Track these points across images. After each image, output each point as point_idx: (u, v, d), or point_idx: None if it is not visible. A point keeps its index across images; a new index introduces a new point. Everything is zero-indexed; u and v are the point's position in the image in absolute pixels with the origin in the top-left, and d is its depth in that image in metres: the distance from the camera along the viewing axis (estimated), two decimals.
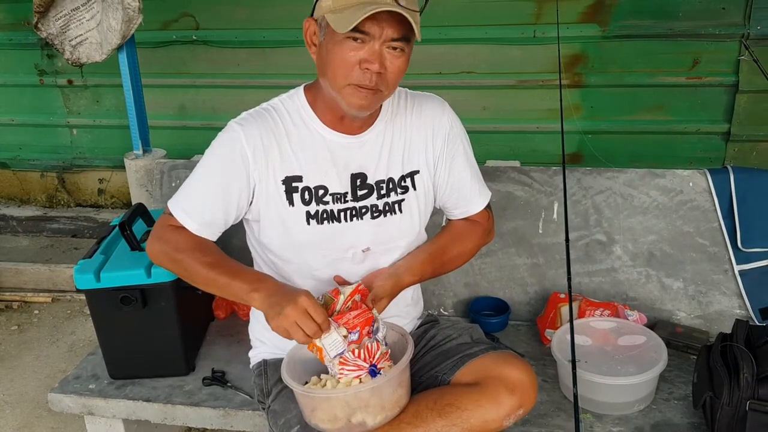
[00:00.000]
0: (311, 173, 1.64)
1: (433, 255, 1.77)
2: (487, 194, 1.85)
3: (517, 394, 1.57)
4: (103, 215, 4.25)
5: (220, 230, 1.66)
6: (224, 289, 1.59)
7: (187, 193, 1.65)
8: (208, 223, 1.63)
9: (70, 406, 2.09)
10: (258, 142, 1.60)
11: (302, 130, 1.64)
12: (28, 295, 3.52)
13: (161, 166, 2.63)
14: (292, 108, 1.65)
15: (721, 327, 2.20)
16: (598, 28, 3.48)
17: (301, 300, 1.47)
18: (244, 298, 1.55)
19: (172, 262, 1.63)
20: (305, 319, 1.46)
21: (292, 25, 3.58)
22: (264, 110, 1.65)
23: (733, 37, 3.38)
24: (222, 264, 1.59)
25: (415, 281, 1.76)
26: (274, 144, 1.61)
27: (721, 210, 2.28)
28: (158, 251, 1.65)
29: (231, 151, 1.60)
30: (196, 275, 1.61)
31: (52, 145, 4.34)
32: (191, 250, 1.60)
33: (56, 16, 2.95)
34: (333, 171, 1.64)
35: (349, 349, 1.52)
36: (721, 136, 3.60)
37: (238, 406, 1.99)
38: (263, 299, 1.52)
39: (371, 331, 1.56)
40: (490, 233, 1.90)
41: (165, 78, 3.94)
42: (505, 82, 3.66)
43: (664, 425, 1.85)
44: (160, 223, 1.66)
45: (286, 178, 1.62)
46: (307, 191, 1.64)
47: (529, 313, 2.40)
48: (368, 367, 1.53)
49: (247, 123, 1.62)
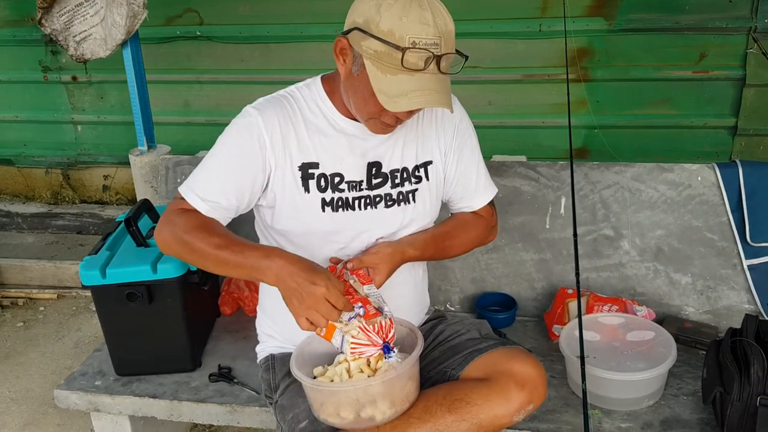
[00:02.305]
0: (328, 161, 1.64)
1: (437, 237, 1.78)
2: (492, 190, 1.85)
3: (527, 390, 1.57)
4: (108, 212, 4.25)
5: (231, 215, 1.63)
6: (234, 268, 1.54)
7: (201, 176, 1.61)
8: (221, 207, 1.59)
9: (77, 403, 2.09)
10: (276, 127, 1.59)
11: (319, 119, 1.64)
12: (33, 291, 3.52)
13: (166, 162, 2.63)
14: (308, 96, 1.65)
15: (730, 322, 2.19)
16: (605, 22, 3.47)
17: (320, 289, 1.43)
18: (256, 276, 1.51)
19: (180, 243, 1.56)
20: (323, 305, 1.44)
21: (296, 21, 3.58)
22: (281, 97, 1.65)
23: (740, 30, 3.37)
24: (231, 241, 1.53)
25: (416, 256, 1.73)
26: (291, 130, 1.61)
27: (729, 204, 2.26)
28: (166, 234, 1.59)
29: (249, 135, 1.59)
30: (205, 255, 1.54)
31: (57, 142, 4.34)
32: (198, 230, 1.54)
33: (60, 12, 2.95)
34: (349, 159, 1.65)
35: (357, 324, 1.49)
36: (728, 130, 3.58)
37: (244, 403, 1.99)
38: (277, 278, 1.47)
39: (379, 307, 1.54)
40: (493, 230, 1.90)
41: (169, 74, 3.94)
42: (511, 76, 3.65)
43: (674, 421, 1.84)
44: (170, 208, 1.62)
45: (302, 164, 1.62)
46: (323, 178, 1.64)
47: (536, 308, 2.39)
48: (382, 343, 1.51)
49: (265, 108, 1.61)
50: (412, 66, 1.41)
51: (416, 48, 1.39)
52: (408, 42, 1.39)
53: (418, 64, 1.41)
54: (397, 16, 1.39)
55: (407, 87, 1.42)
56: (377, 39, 1.41)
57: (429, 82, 1.43)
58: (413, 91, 1.43)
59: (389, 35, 1.40)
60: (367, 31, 1.43)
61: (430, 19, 1.39)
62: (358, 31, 1.44)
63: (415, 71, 1.41)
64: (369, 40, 1.43)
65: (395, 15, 1.39)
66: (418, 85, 1.43)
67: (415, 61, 1.40)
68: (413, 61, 1.40)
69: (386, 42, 1.40)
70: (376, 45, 1.41)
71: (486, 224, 1.86)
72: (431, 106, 1.46)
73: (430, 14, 1.40)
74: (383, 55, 1.42)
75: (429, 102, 1.44)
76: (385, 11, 1.40)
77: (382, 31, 1.40)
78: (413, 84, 1.42)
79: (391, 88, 1.43)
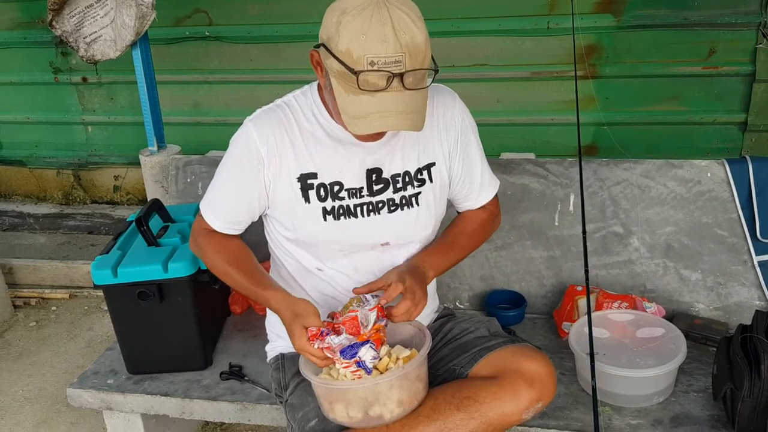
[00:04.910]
0: (326, 170, 1.63)
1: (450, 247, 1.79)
2: (496, 183, 1.85)
3: (536, 387, 1.57)
4: (119, 212, 4.28)
5: (246, 225, 1.74)
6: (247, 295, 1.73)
7: (213, 194, 1.72)
8: (234, 222, 1.71)
9: (89, 401, 2.10)
10: (272, 139, 1.60)
11: (316, 127, 1.63)
12: (45, 291, 3.55)
13: (176, 162, 2.64)
14: (304, 105, 1.64)
15: (740, 318, 2.18)
16: (613, 18, 3.46)
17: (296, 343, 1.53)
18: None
19: (206, 264, 1.76)
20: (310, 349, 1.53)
21: (305, 20, 3.59)
22: (277, 107, 1.65)
23: (749, 25, 3.34)
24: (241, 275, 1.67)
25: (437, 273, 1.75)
26: (287, 141, 1.61)
27: (739, 200, 2.25)
28: (196, 253, 1.80)
29: (247, 150, 1.62)
30: (224, 280, 1.73)
31: (68, 143, 4.37)
32: (216, 256, 1.71)
33: (70, 13, 2.97)
34: (348, 167, 1.64)
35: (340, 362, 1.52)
36: (738, 126, 3.56)
37: (255, 400, 2.00)
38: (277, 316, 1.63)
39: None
40: (497, 218, 1.91)
41: (179, 74, 3.96)
42: (519, 74, 3.64)
43: (684, 418, 1.84)
44: (195, 226, 1.77)
45: (301, 175, 1.63)
46: (322, 188, 1.64)
47: (545, 306, 2.38)
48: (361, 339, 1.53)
49: (260, 121, 1.62)
50: (372, 87, 1.36)
51: (373, 70, 1.34)
52: (366, 62, 1.34)
53: (378, 84, 1.36)
54: (356, 35, 1.34)
55: (367, 108, 1.39)
56: (336, 59, 1.38)
57: (391, 103, 1.38)
58: (372, 113, 1.39)
59: (346, 56, 1.36)
60: (329, 48, 1.39)
61: (390, 36, 1.33)
62: (323, 47, 1.42)
63: (376, 91, 1.36)
64: (330, 59, 1.40)
65: (353, 33, 1.34)
66: (378, 106, 1.38)
67: (375, 81, 1.35)
68: (373, 81, 1.35)
69: (343, 63, 1.36)
70: (336, 65, 1.38)
71: (491, 216, 1.87)
72: (390, 129, 1.43)
73: (391, 29, 1.33)
74: (343, 75, 1.38)
75: (387, 125, 1.41)
76: (344, 29, 1.35)
77: (341, 51, 1.36)
78: (373, 105, 1.38)
79: (353, 109, 1.41)
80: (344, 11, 1.36)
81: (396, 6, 1.36)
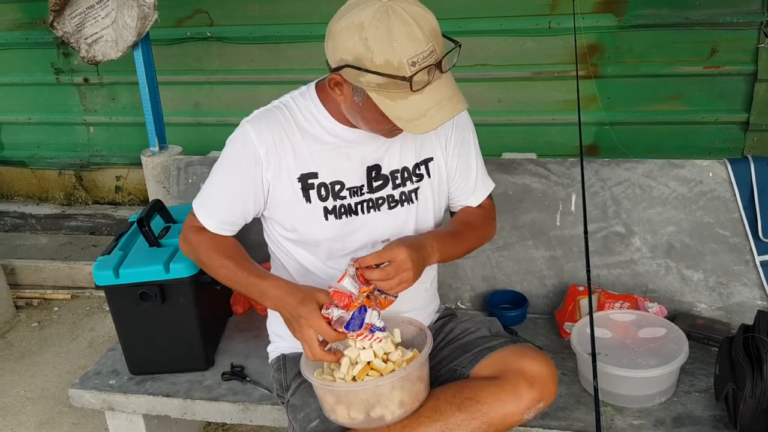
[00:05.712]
0: (326, 169, 1.63)
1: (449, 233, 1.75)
2: (490, 183, 1.85)
3: (538, 388, 1.57)
4: (121, 212, 4.28)
5: (238, 227, 1.72)
6: (243, 291, 1.72)
7: (207, 193, 1.70)
8: (228, 222, 1.69)
9: (91, 402, 2.11)
10: (270, 141, 1.60)
11: (315, 127, 1.63)
12: (47, 292, 3.55)
13: (177, 162, 2.64)
14: (303, 105, 1.64)
15: (742, 318, 2.18)
16: (614, 18, 3.45)
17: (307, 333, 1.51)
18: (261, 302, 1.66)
19: (198, 262, 1.74)
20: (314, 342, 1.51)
21: (306, 21, 3.59)
22: (275, 108, 1.64)
23: (751, 25, 3.34)
24: (237, 269, 1.64)
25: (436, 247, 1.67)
26: (287, 142, 1.61)
27: (741, 200, 2.25)
28: (186, 251, 1.77)
29: (244, 151, 1.61)
30: (218, 277, 1.70)
31: (70, 143, 4.37)
32: (209, 253, 1.68)
33: (72, 14, 2.97)
34: (348, 165, 1.64)
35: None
36: (739, 125, 3.55)
37: (257, 401, 2.00)
38: (276, 307, 1.59)
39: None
40: (493, 222, 1.90)
41: (180, 75, 3.96)
42: (520, 74, 3.63)
43: (686, 418, 1.84)
44: (186, 223, 1.74)
45: (301, 175, 1.63)
46: (323, 187, 1.64)
47: (547, 306, 2.38)
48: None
49: (259, 122, 1.62)
50: (421, 84, 1.39)
51: (417, 67, 1.36)
52: (408, 66, 1.35)
53: (424, 80, 1.39)
54: (387, 43, 1.34)
55: (423, 107, 1.41)
56: (377, 74, 1.37)
57: (440, 93, 1.41)
58: (429, 108, 1.41)
59: (388, 67, 1.36)
60: (361, 67, 1.39)
61: (416, 31, 1.35)
62: (351, 68, 1.41)
63: (423, 87, 1.40)
64: (367, 76, 1.39)
65: (384, 43, 1.35)
66: (432, 100, 1.41)
67: (421, 78, 1.38)
68: (419, 80, 1.38)
69: (388, 75, 1.37)
70: (378, 79, 1.38)
71: (488, 215, 1.86)
72: (451, 118, 1.43)
73: (414, 24, 1.35)
74: (389, 85, 1.39)
75: (448, 114, 1.42)
76: (374, 43, 1.35)
77: (380, 65, 1.36)
78: (427, 101, 1.40)
79: (407, 113, 1.41)
80: (361, 27, 1.36)
81: (402, 2, 1.38)
